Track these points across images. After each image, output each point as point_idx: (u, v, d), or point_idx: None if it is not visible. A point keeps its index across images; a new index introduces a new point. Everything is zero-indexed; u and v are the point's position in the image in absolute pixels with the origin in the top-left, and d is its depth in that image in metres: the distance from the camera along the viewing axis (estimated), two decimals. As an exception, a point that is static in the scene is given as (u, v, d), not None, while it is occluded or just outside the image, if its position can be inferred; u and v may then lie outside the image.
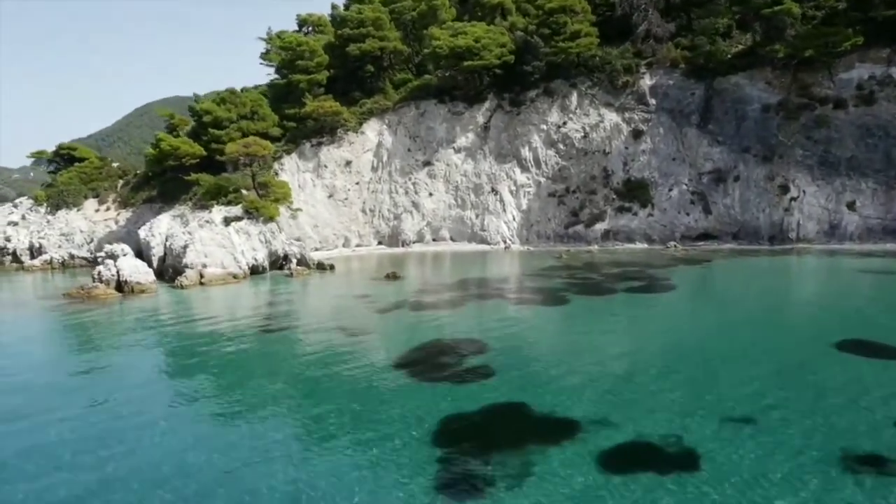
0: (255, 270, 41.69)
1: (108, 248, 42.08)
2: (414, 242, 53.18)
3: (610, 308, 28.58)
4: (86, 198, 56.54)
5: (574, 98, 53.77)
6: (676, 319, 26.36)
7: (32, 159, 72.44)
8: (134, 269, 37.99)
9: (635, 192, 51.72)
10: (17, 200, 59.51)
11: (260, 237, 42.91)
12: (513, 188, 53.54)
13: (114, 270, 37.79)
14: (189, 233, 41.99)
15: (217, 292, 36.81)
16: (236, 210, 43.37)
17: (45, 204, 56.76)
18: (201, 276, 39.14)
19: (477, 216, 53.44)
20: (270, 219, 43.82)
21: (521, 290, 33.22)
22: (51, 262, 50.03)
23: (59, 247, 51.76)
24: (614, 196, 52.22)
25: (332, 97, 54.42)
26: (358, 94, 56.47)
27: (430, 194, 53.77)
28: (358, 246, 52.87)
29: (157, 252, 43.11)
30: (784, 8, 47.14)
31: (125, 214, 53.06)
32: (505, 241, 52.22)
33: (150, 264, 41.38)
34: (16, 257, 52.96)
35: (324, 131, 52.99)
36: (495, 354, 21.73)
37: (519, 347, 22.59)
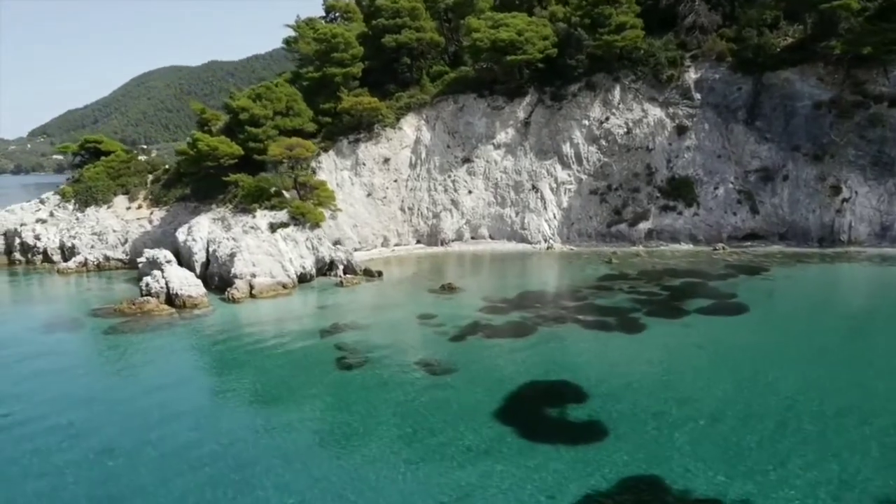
0: (302, 279, 40.80)
1: (148, 253, 41.14)
2: (453, 241, 52.17)
3: (690, 337, 27.89)
4: (115, 194, 55.26)
5: (617, 92, 52.21)
6: (767, 353, 25.62)
7: (28, 130, 70.97)
8: (183, 281, 37.16)
9: (680, 191, 50.52)
10: (43, 196, 58.07)
11: (307, 244, 41.94)
12: (553, 185, 52.32)
13: (162, 282, 36.95)
14: (234, 239, 40.98)
15: (271, 307, 36.05)
16: (281, 215, 42.29)
17: (72, 200, 55.53)
18: (251, 286, 38.30)
19: (517, 214, 52.32)
20: (316, 224, 42.80)
21: (588, 310, 32.38)
22: (85, 263, 48.93)
23: (92, 247, 50.60)
24: (658, 194, 51.01)
25: (367, 90, 52.79)
26: (393, 86, 54.79)
27: (470, 192, 52.56)
28: (397, 245, 51.88)
29: (199, 258, 42.07)
30: (842, 3, 45.32)
31: (158, 213, 51.84)
32: (546, 240, 51.20)
33: (192, 270, 40.52)
34: (46, 256, 51.83)
35: (361, 127, 51.47)
36: (598, 403, 21.11)
37: (618, 393, 21.91)
